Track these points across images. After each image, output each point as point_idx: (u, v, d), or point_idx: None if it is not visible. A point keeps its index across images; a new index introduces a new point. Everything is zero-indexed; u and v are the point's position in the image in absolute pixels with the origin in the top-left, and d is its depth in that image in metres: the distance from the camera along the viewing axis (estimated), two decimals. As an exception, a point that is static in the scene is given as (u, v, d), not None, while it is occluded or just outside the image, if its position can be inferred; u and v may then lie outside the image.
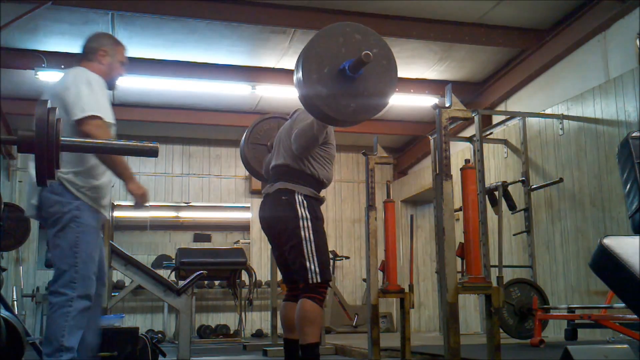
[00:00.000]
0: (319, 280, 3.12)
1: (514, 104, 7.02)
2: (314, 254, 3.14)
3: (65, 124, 2.69)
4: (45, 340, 2.70)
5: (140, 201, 2.91)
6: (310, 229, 3.17)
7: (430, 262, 9.26)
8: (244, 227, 9.72)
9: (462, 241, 2.97)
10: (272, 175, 3.39)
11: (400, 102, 7.68)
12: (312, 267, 3.12)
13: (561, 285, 5.97)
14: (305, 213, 3.18)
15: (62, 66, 6.46)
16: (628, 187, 2.85)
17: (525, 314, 5.18)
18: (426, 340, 6.22)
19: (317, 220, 3.22)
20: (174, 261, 7.48)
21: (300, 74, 2.72)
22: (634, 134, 2.91)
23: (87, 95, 2.80)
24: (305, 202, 3.20)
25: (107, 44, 3.09)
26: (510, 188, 6.02)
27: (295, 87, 2.85)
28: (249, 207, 9.53)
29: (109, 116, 2.87)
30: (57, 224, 2.82)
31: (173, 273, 7.01)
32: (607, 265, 2.11)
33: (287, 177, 3.26)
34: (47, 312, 2.74)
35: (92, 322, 2.94)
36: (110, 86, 3.08)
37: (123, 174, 2.86)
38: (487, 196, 5.85)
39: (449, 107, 2.92)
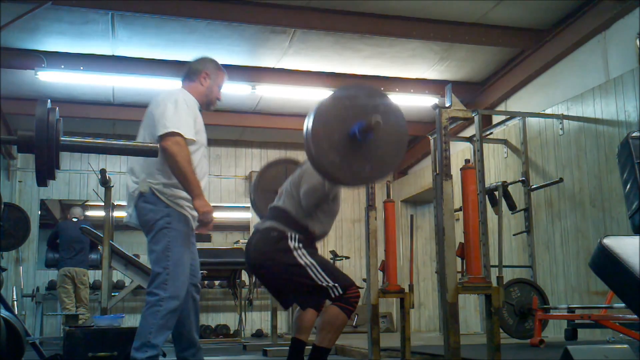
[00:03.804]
0: (340, 291, 3.11)
1: (514, 104, 7.02)
2: (322, 272, 3.14)
3: (153, 139, 3.00)
4: (136, 335, 2.92)
5: (202, 218, 3.00)
6: (307, 254, 3.16)
7: (430, 262, 9.26)
8: (244, 227, 9.72)
9: (462, 241, 2.97)
10: (268, 213, 3.39)
11: (400, 102, 7.65)
12: (327, 283, 3.12)
13: (561, 285, 5.97)
14: (297, 244, 3.18)
15: (62, 66, 6.47)
16: (628, 187, 2.85)
17: (525, 314, 5.17)
18: (426, 340, 6.22)
19: (311, 247, 3.23)
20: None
21: (310, 144, 2.64)
22: (634, 134, 2.92)
23: (171, 113, 3.01)
24: (296, 235, 3.20)
25: (210, 67, 3.33)
26: (510, 188, 6.02)
27: (305, 154, 2.78)
28: (249, 207, 9.53)
29: (191, 133, 3.05)
30: (152, 230, 3.02)
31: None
32: (607, 265, 2.11)
33: (281, 220, 3.25)
34: (143, 310, 2.97)
35: (192, 323, 3.17)
36: (207, 107, 3.32)
37: (192, 190, 2.99)
38: (487, 196, 5.85)
39: (449, 107, 2.92)
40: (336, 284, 3.12)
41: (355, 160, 2.67)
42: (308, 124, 2.66)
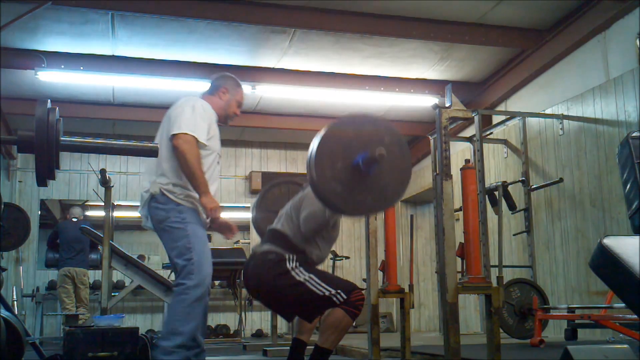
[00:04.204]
0: (344, 297, 3.15)
1: (514, 104, 7.02)
2: (321, 283, 3.18)
3: (169, 142, 3.12)
4: (163, 325, 3.07)
5: (210, 214, 3.11)
6: (303, 270, 3.20)
7: (430, 262, 9.26)
8: (244, 227, 9.71)
9: (462, 241, 2.97)
10: (266, 235, 3.43)
11: (400, 102, 7.67)
12: (329, 292, 3.16)
13: (561, 285, 5.97)
14: (294, 264, 3.22)
15: (62, 66, 6.47)
16: (628, 187, 2.85)
17: (525, 314, 5.18)
18: (426, 340, 6.22)
19: (307, 264, 3.26)
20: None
21: (313, 169, 2.65)
22: (634, 134, 2.92)
23: (188, 117, 3.15)
24: (293, 256, 3.25)
25: (229, 84, 3.55)
26: (510, 188, 6.02)
27: (308, 179, 2.78)
28: (249, 207, 9.53)
29: (203, 137, 3.18)
30: (168, 229, 3.11)
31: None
32: (607, 265, 2.11)
33: (279, 243, 3.30)
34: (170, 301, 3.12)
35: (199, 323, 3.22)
36: (225, 121, 3.46)
37: (198, 187, 3.10)
38: (487, 196, 5.85)
39: (449, 107, 2.92)
40: (338, 290, 3.15)
41: (357, 191, 2.65)
42: (312, 149, 2.66)
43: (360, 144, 2.65)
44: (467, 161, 3.07)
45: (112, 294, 5.58)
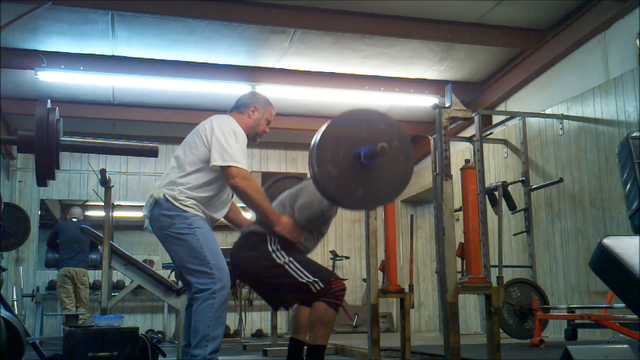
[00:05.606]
0: (322, 286, 3.11)
1: (514, 104, 7.02)
2: (301, 268, 3.14)
3: (194, 157, 3.11)
4: (193, 332, 2.95)
5: (291, 240, 3.13)
6: (284, 254, 3.18)
7: (430, 262, 9.27)
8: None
9: (462, 241, 2.97)
10: (256, 217, 3.39)
11: (400, 102, 7.67)
12: (307, 279, 3.12)
13: (561, 285, 5.97)
14: (276, 247, 3.20)
15: (62, 66, 6.47)
16: (628, 187, 2.85)
17: (525, 314, 5.18)
18: (426, 340, 6.22)
19: (288, 248, 3.23)
20: (174, 261, 7.45)
21: (314, 150, 2.67)
22: (634, 134, 2.92)
23: (233, 145, 3.08)
24: (275, 239, 3.22)
25: (259, 102, 3.39)
26: (510, 188, 6.02)
27: (308, 160, 2.81)
28: (249, 207, 9.53)
29: (245, 166, 3.11)
30: (175, 236, 3.06)
31: (173, 273, 7.02)
32: (607, 265, 2.12)
33: (265, 224, 3.28)
34: (194, 308, 2.98)
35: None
36: (253, 140, 3.36)
37: (268, 217, 3.12)
38: (487, 196, 5.85)
39: (449, 107, 2.92)
40: (316, 279, 3.11)
41: (351, 180, 2.66)
42: (321, 130, 2.67)
43: (368, 137, 2.65)
44: (467, 161, 3.07)
45: (112, 294, 5.58)
